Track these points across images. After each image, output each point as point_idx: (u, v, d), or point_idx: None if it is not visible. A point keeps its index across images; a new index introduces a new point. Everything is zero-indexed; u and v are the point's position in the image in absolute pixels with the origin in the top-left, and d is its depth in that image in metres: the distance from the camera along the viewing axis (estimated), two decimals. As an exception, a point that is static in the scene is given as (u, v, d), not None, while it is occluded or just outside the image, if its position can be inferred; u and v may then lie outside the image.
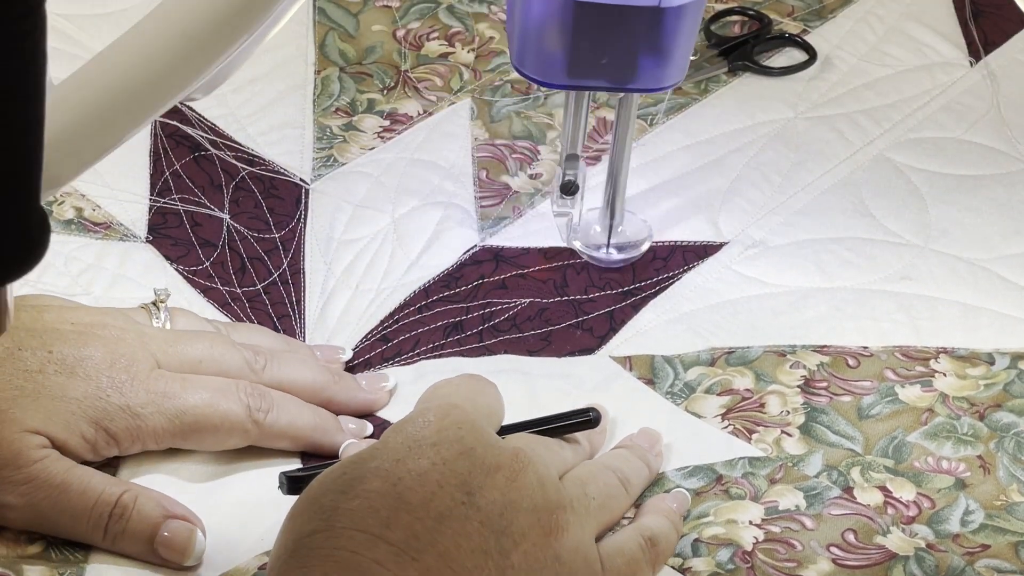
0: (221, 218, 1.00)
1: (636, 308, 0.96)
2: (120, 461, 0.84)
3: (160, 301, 0.88)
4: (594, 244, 0.98)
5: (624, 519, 0.83)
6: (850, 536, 0.83)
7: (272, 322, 0.94)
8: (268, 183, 1.03)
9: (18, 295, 0.89)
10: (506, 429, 0.83)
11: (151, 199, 1.01)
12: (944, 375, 0.92)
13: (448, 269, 0.98)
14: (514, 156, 1.06)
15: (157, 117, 0.66)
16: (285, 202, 1.01)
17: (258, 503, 0.84)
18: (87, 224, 0.99)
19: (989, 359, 0.93)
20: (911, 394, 0.91)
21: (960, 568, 0.82)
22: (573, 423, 0.85)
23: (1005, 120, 1.08)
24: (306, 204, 1.02)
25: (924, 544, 0.83)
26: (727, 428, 0.89)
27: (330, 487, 0.73)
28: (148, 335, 0.85)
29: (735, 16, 1.16)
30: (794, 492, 0.85)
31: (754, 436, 0.88)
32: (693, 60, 1.09)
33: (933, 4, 1.17)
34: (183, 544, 0.80)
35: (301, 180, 1.03)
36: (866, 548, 0.83)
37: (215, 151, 1.04)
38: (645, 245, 0.99)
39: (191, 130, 1.05)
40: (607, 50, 0.86)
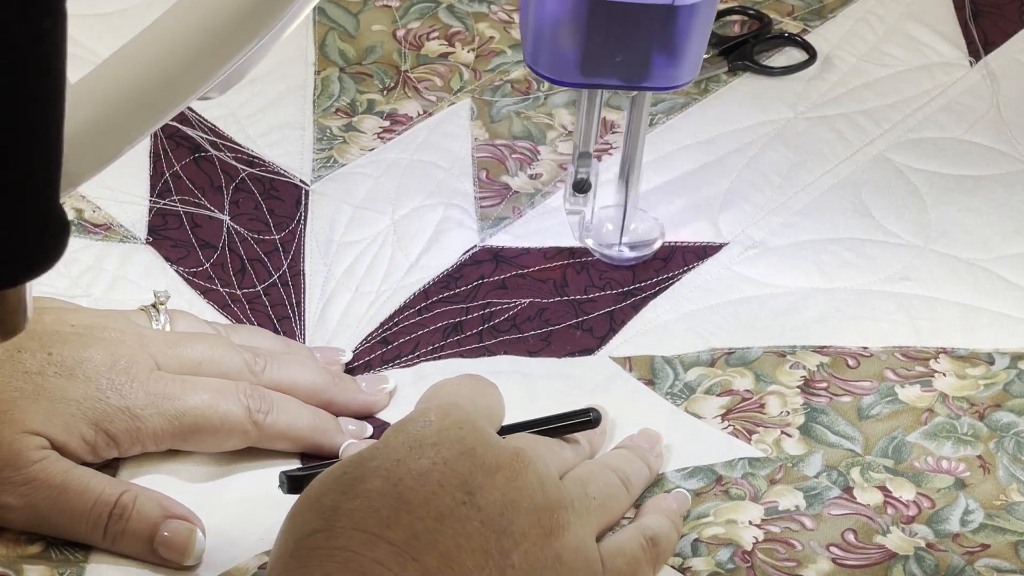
0: (221, 219, 1.00)
1: (636, 308, 0.96)
2: (120, 462, 0.84)
3: (160, 303, 0.88)
4: (606, 242, 0.99)
5: (624, 519, 0.83)
6: (850, 536, 0.83)
7: (272, 324, 0.95)
8: (268, 184, 1.03)
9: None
10: (506, 429, 0.83)
11: (151, 200, 1.01)
12: (944, 375, 0.92)
13: (448, 270, 0.98)
14: (514, 156, 1.06)
15: (174, 115, 0.67)
16: (285, 203, 1.01)
17: (258, 503, 0.84)
18: (87, 225, 0.99)
19: (989, 359, 0.93)
20: (911, 394, 0.91)
21: (960, 567, 0.82)
22: (573, 423, 0.85)
23: (1005, 120, 1.08)
24: (306, 205, 1.02)
25: (924, 544, 0.83)
26: (727, 429, 0.89)
27: (331, 487, 0.73)
28: (148, 337, 0.85)
29: (735, 16, 1.16)
30: (794, 492, 0.86)
31: (754, 437, 0.88)
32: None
33: (933, 4, 1.17)
34: (183, 544, 0.81)
35: (301, 181, 1.03)
36: (866, 548, 0.83)
37: (215, 152, 1.04)
38: (657, 243, 0.99)
39: (191, 131, 1.05)
40: (620, 48, 0.87)
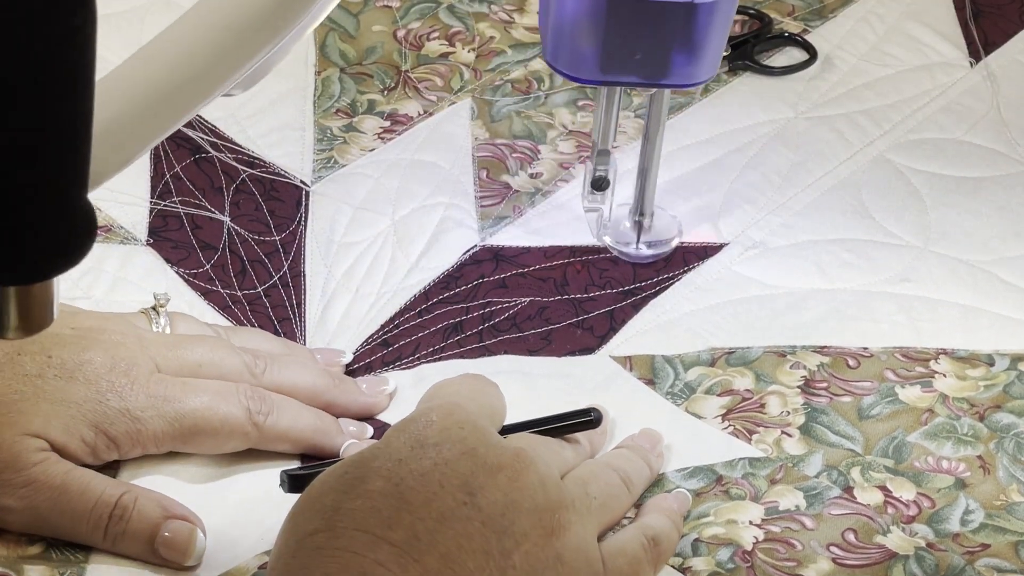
0: (221, 221, 1.00)
1: (636, 308, 0.96)
2: (120, 463, 0.84)
3: (160, 306, 0.88)
4: (624, 240, 0.99)
5: (625, 519, 0.83)
6: (850, 536, 0.83)
7: (273, 325, 0.94)
8: (268, 185, 1.03)
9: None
10: (507, 429, 0.83)
11: (151, 202, 1.01)
12: (944, 376, 0.92)
13: (448, 270, 0.98)
14: (514, 155, 1.06)
15: (198, 112, 0.67)
16: (285, 204, 1.01)
17: (258, 503, 0.84)
18: (88, 226, 0.99)
19: (989, 360, 0.93)
20: (911, 394, 0.91)
21: (960, 567, 0.82)
22: (574, 423, 0.85)
23: (1005, 121, 1.08)
24: (306, 206, 1.02)
25: (924, 543, 0.83)
26: (727, 429, 0.89)
27: (332, 486, 0.73)
28: (148, 339, 0.85)
29: (736, 15, 1.16)
30: (794, 492, 0.86)
31: (754, 437, 0.88)
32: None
33: (933, 4, 1.17)
34: (184, 544, 0.81)
35: (301, 182, 1.03)
36: (866, 547, 0.83)
37: (215, 153, 1.04)
38: (675, 241, 0.99)
39: (191, 132, 1.05)
40: (640, 46, 0.87)
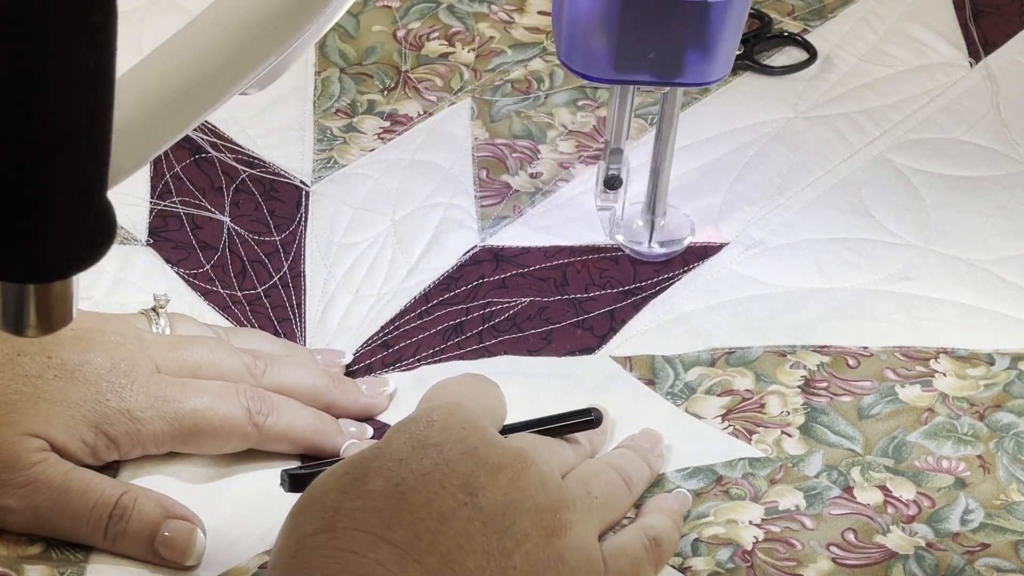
0: (221, 221, 1.00)
1: (636, 308, 0.96)
2: (120, 463, 0.84)
3: (160, 307, 0.88)
4: (636, 239, 0.99)
5: (625, 519, 0.83)
6: (850, 535, 0.83)
7: (273, 326, 0.94)
8: (268, 185, 1.03)
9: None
10: (507, 429, 0.83)
11: (151, 202, 1.01)
12: (944, 375, 0.92)
13: (448, 271, 0.98)
14: (514, 155, 1.06)
15: (215, 110, 0.67)
16: (285, 204, 1.01)
17: (258, 502, 0.84)
18: (88, 226, 0.99)
19: (989, 359, 0.93)
20: (911, 394, 0.91)
21: (960, 567, 0.82)
22: (574, 423, 0.85)
23: (1005, 121, 1.08)
24: (306, 207, 1.02)
25: (924, 543, 0.83)
26: (727, 429, 0.89)
27: (333, 486, 0.73)
28: (147, 340, 0.85)
29: (738, 15, 1.16)
30: (794, 492, 0.86)
31: (754, 437, 0.88)
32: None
33: (933, 4, 1.17)
34: (184, 544, 0.81)
35: (301, 182, 1.03)
36: (866, 547, 0.83)
37: (215, 153, 1.04)
38: (687, 240, 0.99)
39: (191, 132, 1.05)
40: (654, 45, 0.87)
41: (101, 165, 0.56)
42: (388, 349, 0.94)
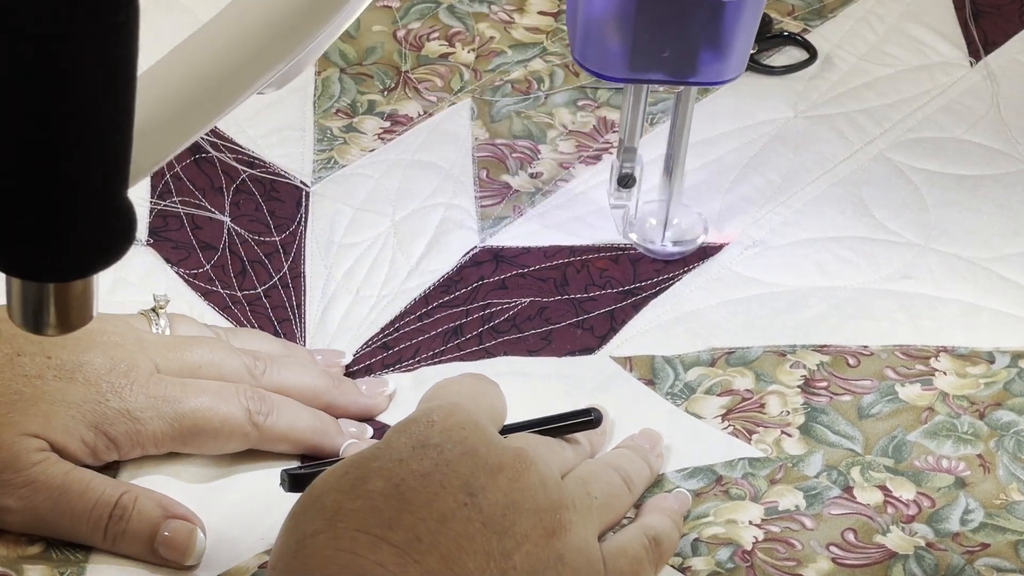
0: (222, 221, 1.00)
1: (636, 308, 0.96)
2: (120, 463, 0.84)
3: (159, 307, 0.88)
4: (649, 237, 0.99)
5: (624, 519, 0.83)
6: (850, 535, 0.83)
7: (273, 326, 0.94)
8: (269, 185, 1.03)
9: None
10: (507, 429, 0.83)
11: (152, 202, 1.01)
12: (944, 374, 0.92)
13: (448, 273, 0.98)
14: (514, 155, 1.06)
15: (233, 109, 0.67)
16: (286, 205, 1.01)
17: (258, 502, 0.84)
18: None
19: (989, 358, 0.93)
20: (911, 393, 0.91)
21: (960, 567, 0.82)
22: (574, 423, 0.85)
23: (1005, 120, 1.08)
24: (306, 207, 1.02)
25: (924, 543, 0.83)
26: (727, 429, 0.89)
27: (333, 486, 0.73)
28: (147, 340, 0.85)
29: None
30: (794, 492, 0.86)
31: (754, 437, 0.88)
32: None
33: (933, 4, 1.17)
34: (184, 544, 0.81)
35: (302, 183, 1.03)
36: (866, 547, 0.83)
37: (215, 153, 1.04)
38: (700, 238, 0.99)
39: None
40: (668, 44, 0.87)
41: (122, 164, 0.56)
42: (388, 350, 0.94)
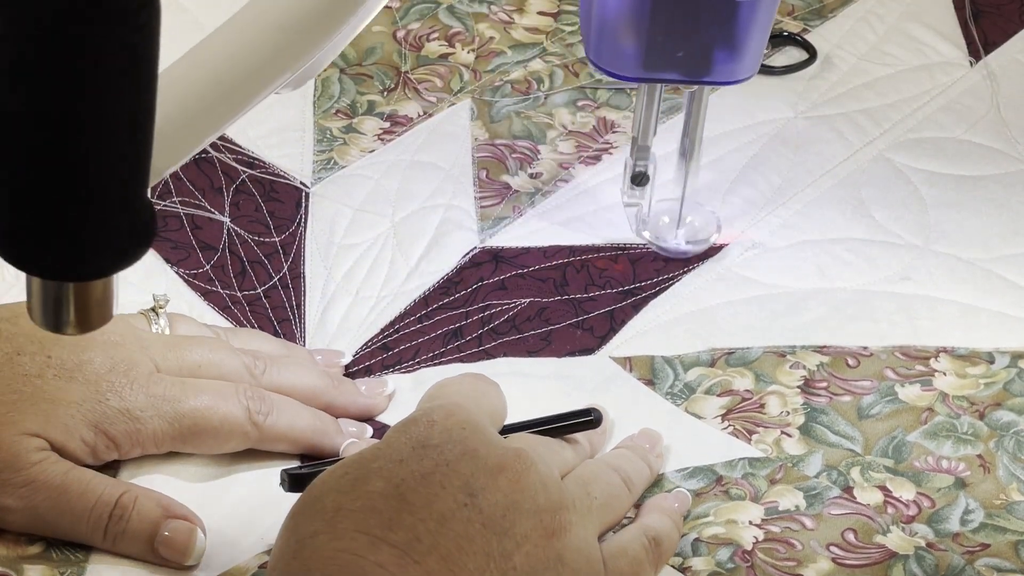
0: (221, 221, 1.00)
1: (636, 308, 0.96)
2: (120, 463, 0.84)
3: (159, 307, 0.88)
4: (663, 235, 0.99)
5: (624, 519, 0.83)
6: (850, 535, 0.83)
7: (272, 326, 0.94)
8: (268, 186, 1.03)
9: (19, 300, 0.89)
10: (507, 429, 0.83)
11: (151, 202, 1.01)
12: (944, 374, 0.92)
13: (448, 274, 0.98)
14: (514, 156, 1.06)
15: (250, 109, 0.67)
16: (285, 205, 1.01)
17: (258, 502, 0.84)
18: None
19: (989, 358, 0.93)
20: (911, 393, 0.91)
21: (960, 567, 0.82)
22: (574, 423, 0.85)
23: (1005, 120, 1.08)
24: (306, 208, 1.02)
25: (924, 543, 0.83)
26: (727, 429, 0.89)
27: (332, 487, 0.73)
28: (147, 340, 0.85)
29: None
30: (794, 492, 0.86)
31: (754, 437, 0.88)
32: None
33: (933, 4, 1.17)
34: (184, 544, 0.81)
35: (301, 183, 1.03)
36: (866, 547, 0.83)
37: (215, 153, 1.04)
38: (713, 237, 0.99)
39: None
40: (682, 43, 0.87)
41: (142, 164, 0.56)
42: (388, 351, 0.94)
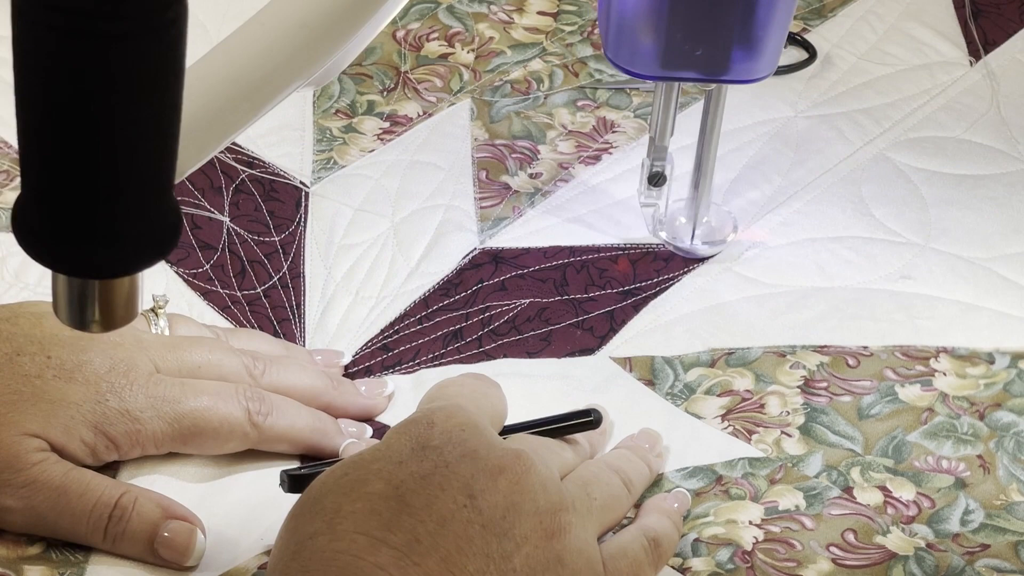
0: (221, 221, 1.00)
1: (636, 308, 0.96)
2: (120, 463, 0.84)
3: (159, 307, 0.88)
4: (679, 236, 0.99)
5: (624, 519, 0.83)
6: (850, 536, 0.83)
7: (272, 326, 0.94)
8: (268, 186, 1.03)
9: (18, 301, 0.89)
10: (507, 429, 0.83)
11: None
12: (944, 374, 0.92)
13: (448, 276, 0.98)
14: (514, 156, 1.06)
15: (273, 108, 0.67)
16: (285, 205, 1.01)
17: (258, 503, 0.84)
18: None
19: (989, 358, 0.93)
20: (911, 393, 0.91)
21: (960, 567, 0.82)
22: (574, 424, 0.85)
23: (1005, 120, 1.08)
24: (306, 207, 1.02)
25: (924, 544, 0.83)
26: (727, 429, 0.89)
27: (332, 488, 0.73)
28: (146, 341, 0.85)
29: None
30: (794, 492, 0.86)
31: (754, 437, 0.88)
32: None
33: (933, 3, 1.17)
34: (183, 544, 0.81)
35: (301, 183, 1.03)
36: (866, 548, 0.83)
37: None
38: (730, 237, 0.99)
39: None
40: (701, 41, 0.87)
41: (168, 162, 0.56)
42: (388, 352, 0.94)
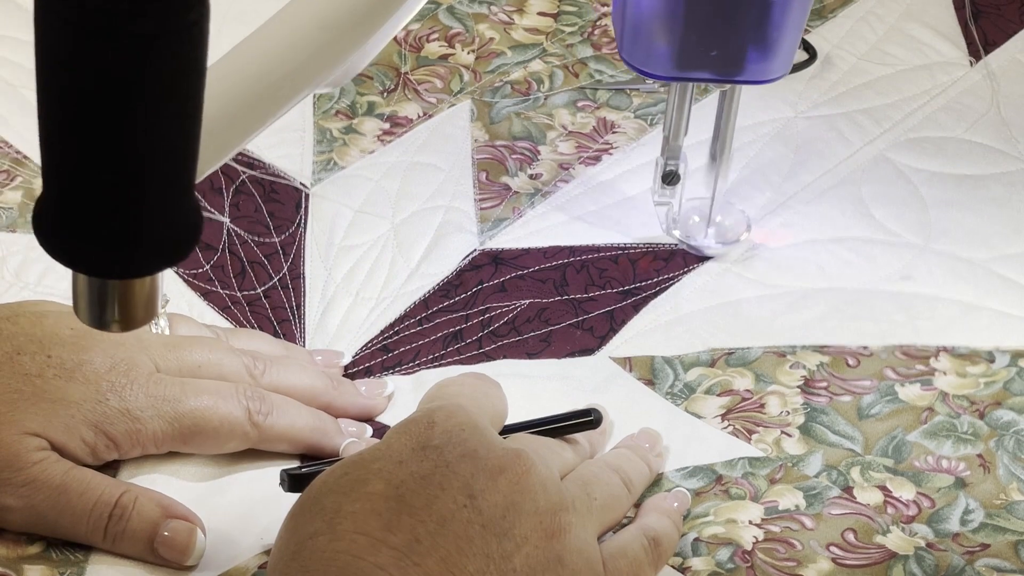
0: (221, 221, 1.00)
1: (637, 308, 0.96)
2: (120, 462, 0.85)
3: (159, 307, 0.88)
4: (693, 234, 0.99)
5: (623, 519, 0.83)
6: (850, 535, 0.83)
7: (272, 327, 0.95)
8: (268, 187, 1.03)
9: (18, 300, 0.90)
10: (507, 429, 0.83)
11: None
12: (944, 373, 0.92)
13: (448, 277, 0.98)
14: (514, 157, 1.06)
15: (291, 109, 0.67)
16: (285, 206, 1.02)
17: (258, 502, 0.84)
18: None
19: (989, 357, 0.93)
20: (911, 393, 0.91)
21: (960, 567, 0.82)
22: (574, 424, 0.85)
23: (1005, 120, 1.08)
24: (306, 208, 1.02)
25: (924, 543, 0.83)
26: (727, 428, 0.89)
27: (332, 487, 0.73)
28: (147, 340, 0.85)
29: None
30: (794, 492, 0.86)
31: (754, 436, 0.89)
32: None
33: (933, 4, 1.17)
34: (183, 544, 0.81)
35: (301, 184, 1.03)
36: (866, 547, 0.83)
37: (215, 154, 1.04)
38: (744, 236, 0.99)
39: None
40: (716, 42, 0.87)
41: (189, 162, 0.56)
42: (388, 353, 0.94)
